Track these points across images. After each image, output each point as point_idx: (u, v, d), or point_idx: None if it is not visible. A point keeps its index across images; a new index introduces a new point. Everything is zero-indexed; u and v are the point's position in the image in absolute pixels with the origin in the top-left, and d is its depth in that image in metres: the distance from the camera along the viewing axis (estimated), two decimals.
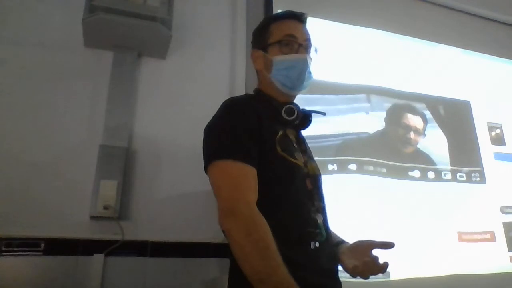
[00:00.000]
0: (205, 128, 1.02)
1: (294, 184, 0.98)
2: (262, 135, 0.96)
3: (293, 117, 1.05)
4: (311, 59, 1.11)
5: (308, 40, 1.11)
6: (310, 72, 1.10)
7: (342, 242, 1.12)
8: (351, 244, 1.09)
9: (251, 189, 0.90)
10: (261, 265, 0.81)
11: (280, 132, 1.01)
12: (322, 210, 1.03)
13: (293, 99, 1.14)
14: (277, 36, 1.09)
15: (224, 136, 0.95)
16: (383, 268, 0.99)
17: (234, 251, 0.84)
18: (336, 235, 1.16)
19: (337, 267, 1.03)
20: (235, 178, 0.90)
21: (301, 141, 1.12)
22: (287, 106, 1.06)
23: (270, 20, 1.15)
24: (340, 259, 1.06)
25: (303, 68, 1.08)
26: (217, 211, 0.89)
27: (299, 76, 1.08)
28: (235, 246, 0.84)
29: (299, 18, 1.12)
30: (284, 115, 1.04)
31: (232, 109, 1.01)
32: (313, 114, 1.13)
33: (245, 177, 0.90)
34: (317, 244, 0.95)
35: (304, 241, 0.94)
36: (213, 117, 1.02)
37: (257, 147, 0.94)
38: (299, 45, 1.08)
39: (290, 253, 0.87)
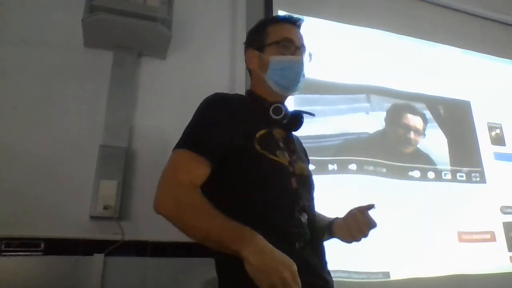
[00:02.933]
0: None
1: (275, 182, 0.98)
2: (239, 130, 0.97)
3: (279, 116, 1.06)
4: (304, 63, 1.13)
5: (302, 45, 1.14)
6: (303, 75, 1.12)
7: (336, 218, 1.16)
8: (343, 217, 1.13)
9: (185, 172, 0.91)
10: (196, 226, 0.84)
11: (263, 131, 1.02)
12: (308, 210, 1.03)
13: (284, 100, 1.14)
14: (275, 37, 1.11)
15: (190, 129, 0.98)
16: (370, 223, 1.04)
17: (177, 227, 0.87)
18: (327, 217, 1.18)
19: (326, 266, 1.03)
20: (174, 164, 0.93)
21: (291, 141, 1.12)
22: (274, 105, 1.06)
23: (267, 22, 1.18)
24: (334, 232, 1.11)
25: (298, 70, 1.10)
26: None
27: (295, 77, 1.10)
28: (174, 223, 0.87)
29: (295, 23, 1.15)
30: (271, 114, 1.05)
31: (208, 104, 1.03)
32: (306, 116, 1.14)
33: (184, 162, 0.92)
34: (302, 244, 0.95)
35: (288, 241, 0.94)
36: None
37: (224, 140, 0.95)
38: (296, 48, 1.11)
39: None
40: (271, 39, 1.12)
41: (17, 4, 1.56)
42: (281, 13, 1.91)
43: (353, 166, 1.81)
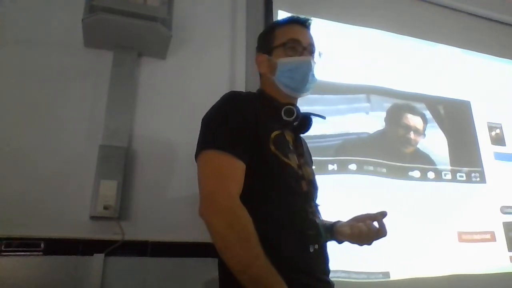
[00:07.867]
0: (203, 118, 1.03)
1: (288, 183, 0.98)
2: (257, 132, 0.97)
3: (291, 118, 1.05)
4: (315, 62, 1.12)
5: (311, 44, 1.14)
6: (313, 75, 1.12)
7: (338, 221, 1.15)
8: (349, 219, 1.12)
9: (235, 181, 0.90)
10: (240, 255, 0.82)
11: (277, 132, 1.02)
12: (318, 213, 1.04)
13: (295, 102, 1.14)
14: (282, 39, 1.11)
15: (218, 128, 0.96)
16: (381, 232, 1.01)
17: (216, 242, 0.85)
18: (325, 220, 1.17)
19: (328, 268, 1.03)
20: (220, 169, 0.90)
21: (299, 144, 1.12)
22: (286, 106, 1.06)
23: (275, 25, 1.18)
24: (338, 231, 1.08)
25: (306, 70, 1.09)
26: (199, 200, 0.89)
27: (303, 78, 1.09)
28: (217, 237, 0.84)
29: (303, 23, 1.15)
30: (283, 116, 1.05)
31: (230, 102, 1.02)
32: (313, 118, 1.14)
33: (230, 169, 0.90)
34: (316, 247, 0.96)
35: (303, 244, 0.94)
36: (212, 107, 1.03)
37: (251, 143, 0.94)
38: (303, 48, 1.11)
39: (286, 256, 0.87)
40: (278, 41, 1.12)
41: (17, 4, 1.56)
42: (282, 13, 1.91)
43: (353, 166, 1.81)
